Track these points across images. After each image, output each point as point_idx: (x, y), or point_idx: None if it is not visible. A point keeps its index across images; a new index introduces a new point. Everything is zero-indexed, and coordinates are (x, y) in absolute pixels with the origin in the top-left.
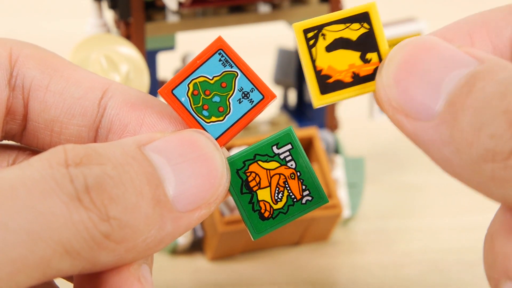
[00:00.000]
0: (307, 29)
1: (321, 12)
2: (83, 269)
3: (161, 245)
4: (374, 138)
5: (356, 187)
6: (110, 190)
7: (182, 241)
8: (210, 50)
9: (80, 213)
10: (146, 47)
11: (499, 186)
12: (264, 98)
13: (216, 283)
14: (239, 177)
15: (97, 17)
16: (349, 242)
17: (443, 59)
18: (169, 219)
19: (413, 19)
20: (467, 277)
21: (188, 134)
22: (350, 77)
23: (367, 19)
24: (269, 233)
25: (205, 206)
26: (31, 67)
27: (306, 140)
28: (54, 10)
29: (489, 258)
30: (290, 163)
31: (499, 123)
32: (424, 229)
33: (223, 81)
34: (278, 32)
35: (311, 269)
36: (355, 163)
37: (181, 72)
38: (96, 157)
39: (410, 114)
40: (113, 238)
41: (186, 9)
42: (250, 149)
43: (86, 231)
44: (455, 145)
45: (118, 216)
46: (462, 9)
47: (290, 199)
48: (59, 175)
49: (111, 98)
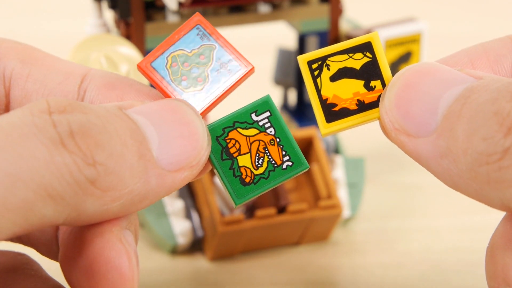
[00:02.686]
0: (311, 60)
1: (321, 12)
2: (68, 217)
3: (145, 201)
4: (374, 138)
5: (356, 187)
6: (96, 136)
7: (182, 241)
8: (188, 25)
9: (64, 156)
10: (146, 47)
11: (496, 189)
12: (242, 68)
13: (216, 283)
14: (219, 144)
15: (97, 17)
16: (349, 242)
17: (442, 79)
18: (153, 175)
19: (413, 19)
20: (467, 277)
21: (169, 101)
22: (355, 104)
23: (370, 49)
24: (250, 198)
25: (188, 168)
26: (11, 58)
27: (306, 140)
28: (54, 10)
29: (490, 268)
30: (269, 130)
31: (490, 125)
32: (424, 229)
33: (201, 54)
34: (278, 32)
35: (311, 269)
36: (355, 163)
37: (160, 46)
38: (80, 107)
39: (411, 133)
40: (98, 184)
41: (186, 9)
42: (229, 116)
43: (69, 175)
44: (452, 155)
45: (104, 162)
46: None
47: (271, 164)
48: (41, 121)
49: (91, 82)
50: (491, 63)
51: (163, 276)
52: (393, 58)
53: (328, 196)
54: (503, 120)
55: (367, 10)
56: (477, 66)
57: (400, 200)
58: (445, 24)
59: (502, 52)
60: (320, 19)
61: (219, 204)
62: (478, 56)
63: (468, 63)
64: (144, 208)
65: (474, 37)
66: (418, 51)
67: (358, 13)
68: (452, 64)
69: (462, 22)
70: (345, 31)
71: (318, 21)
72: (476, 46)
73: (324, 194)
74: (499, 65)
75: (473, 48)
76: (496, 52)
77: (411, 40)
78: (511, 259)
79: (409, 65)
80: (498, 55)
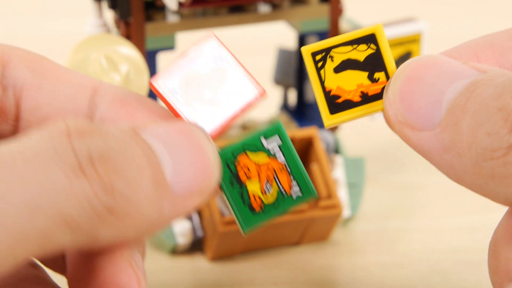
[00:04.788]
0: (315, 52)
1: (321, 12)
2: (82, 244)
3: (157, 227)
4: (374, 138)
5: (356, 187)
6: (115, 163)
7: (182, 241)
8: (202, 44)
9: (83, 184)
10: (146, 47)
11: (500, 184)
12: (254, 92)
13: (216, 283)
14: (229, 169)
15: (97, 17)
16: (349, 242)
17: (446, 72)
18: (167, 202)
19: (413, 19)
20: (467, 277)
21: (182, 124)
22: (359, 96)
23: (374, 40)
24: (258, 227)
25: (199, 194)
26: (22, 68)
27: (306, 140)
28: (54, 10)
29: (493, 264)
30: (279, 156)
31: (495, 120)
32: (424, 229)
33: (214, 75)
34: (278, 32)
35: (311, 269)
36: (355, 163)
37: (173, 65)
38: (98, 130)
39: (415, 126)
40: (115, 212)
41: (186, 9)
42: (240, 141)
43: (88, 203)
44: (456, 150)
45: (122, 190)
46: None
47: (279, 192)
48: (61, 146)
49: (102, 96)
50: (496, 56)
51: (163, 276)
52: (393, 58)
53: (328, 196)
54: (508, 115)
55: (367, 10)
56: (482, 59)
57: (400, 200)
58: (445, 24)
59: (507, 44)
60: (320, 19)
61: (219, 204)
62: (483, 49)
63: (473, 55)
64: (155, 233)
65: (474, 37)
66: (418, 51)
67: (358, 13)
68: (456, 57)
69: (462, 22)
70: (345, 31)
71: (318, 21)
72: (480, 39)
73: (324, 194)
74: (504, 58)
75: (477, 40)
76: (501, 45)
77: (411, 40)
78: None
79: (413, 57)
80: (503, 48)
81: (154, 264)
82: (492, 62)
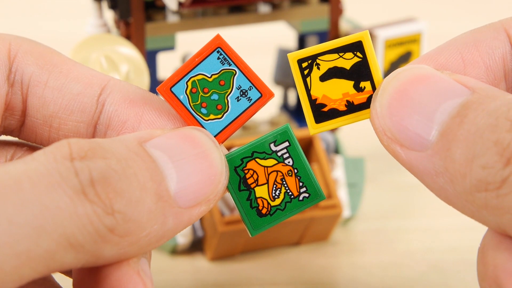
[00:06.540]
0: (302, 59)
1: (321, 12)
2: (86, 263)
3: (162, 240)
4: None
5: (356, 187)
6: (115, 184)
7: (182, 241)
8: (209, 48)
9: (85, 206)
10: (146, 47)
11: (493, 214)
12: (262, 96)
13: (216, 283)
14: (237, 174)
15: (97, 17)
16: (349, 242)
17: (436, 90)
18: (171, 215)
19: (413, 19)
20: (467, 277)
21: (188, 131)
22: (344, 105)
23: (360, 48)
24: (266, 229)
25: (205, 203)
26: (30, 63)
27: (306, 140)
28: (54, 10)
29: (482, 270)
30: (287, 160)
31: (490, 154)
32: (424, 229)
33: (221, 79)
34: (278, 32)
35: (311, 269)
36: (355, 163)
37: (180, 70)
38: (101, 151)
39: (404, 144)
40: (117, 231)
41: (186, 9)
42: (248, 146)
43: (90, 224)
44: (448, 176)
45: (123, 210)
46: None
47: (288, 196)
48: (64, 169)
49: (110, 95)
50: (482, 56)
51: (163, 276)
52: (393, 58)
53: (328, 196)
54: (503, 151)
55: (367, 10)
56: (468, 60)
57: (400, 200)
58: (445, 24)
59: (493, 44)
60: (320, 19)
61: (219, 204)
62: (469, 48)
63: (459, 57)
64: (160, 245)
65: None
66: (418, 51)
67: (358, 13)
68: (442, 62)
69: (462, 22)
70: (345, 31)
71: (318, 21)
72: (466, 36)
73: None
74: (491, 59)
75: (464, 38)
76: (487, 45)
77: (411, 40)
78: (501, 260)
79: (400, 68)
80: (490, 47)
81: (154, 264)
82: (479, 64)
